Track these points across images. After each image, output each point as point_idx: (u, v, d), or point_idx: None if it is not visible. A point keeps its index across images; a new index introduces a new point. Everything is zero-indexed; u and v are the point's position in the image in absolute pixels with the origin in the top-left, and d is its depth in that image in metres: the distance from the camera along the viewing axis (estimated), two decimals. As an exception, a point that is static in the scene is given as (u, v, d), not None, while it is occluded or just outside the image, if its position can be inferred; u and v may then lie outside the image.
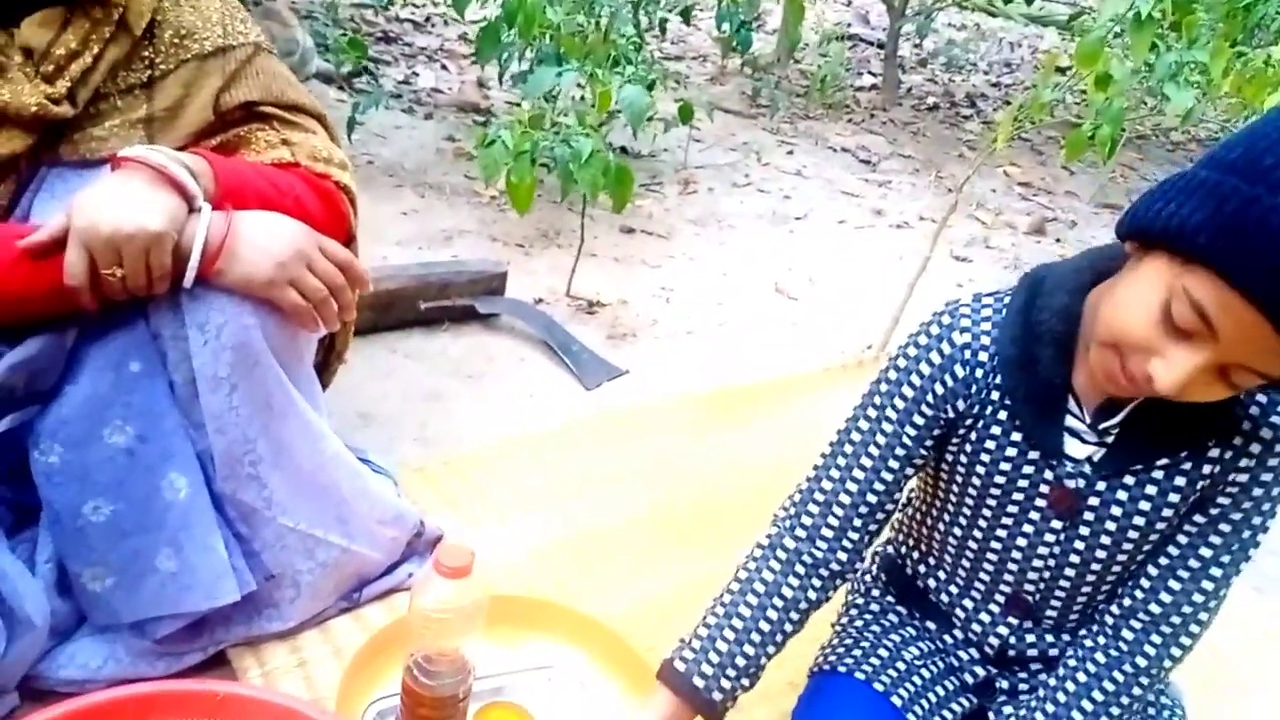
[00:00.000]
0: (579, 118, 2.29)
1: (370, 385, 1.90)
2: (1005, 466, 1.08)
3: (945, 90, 5.04)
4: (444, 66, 3.86)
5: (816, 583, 1.11)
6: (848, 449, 1.11)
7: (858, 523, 1.10)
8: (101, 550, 1.13)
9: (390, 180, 2.79)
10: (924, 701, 1.19)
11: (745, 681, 1.09)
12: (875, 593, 1.30)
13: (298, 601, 1.27)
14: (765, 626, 1.09)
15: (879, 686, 1.18)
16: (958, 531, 1.17)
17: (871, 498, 1.10)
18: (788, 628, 1.10)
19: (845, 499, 1.10)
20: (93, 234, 1.04)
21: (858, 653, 1.22)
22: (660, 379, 2.13)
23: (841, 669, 1.20)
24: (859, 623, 1.27)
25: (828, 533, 1.11)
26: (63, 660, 1.16)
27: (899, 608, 1.28)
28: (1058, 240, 3.40)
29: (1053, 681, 1.12)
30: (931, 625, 1.25)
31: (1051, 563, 1.12)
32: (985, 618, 1.20)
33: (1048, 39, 6.26)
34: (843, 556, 1.11)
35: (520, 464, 1.75)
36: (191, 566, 1.15)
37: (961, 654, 1.23)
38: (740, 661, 1.08)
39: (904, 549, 1.28)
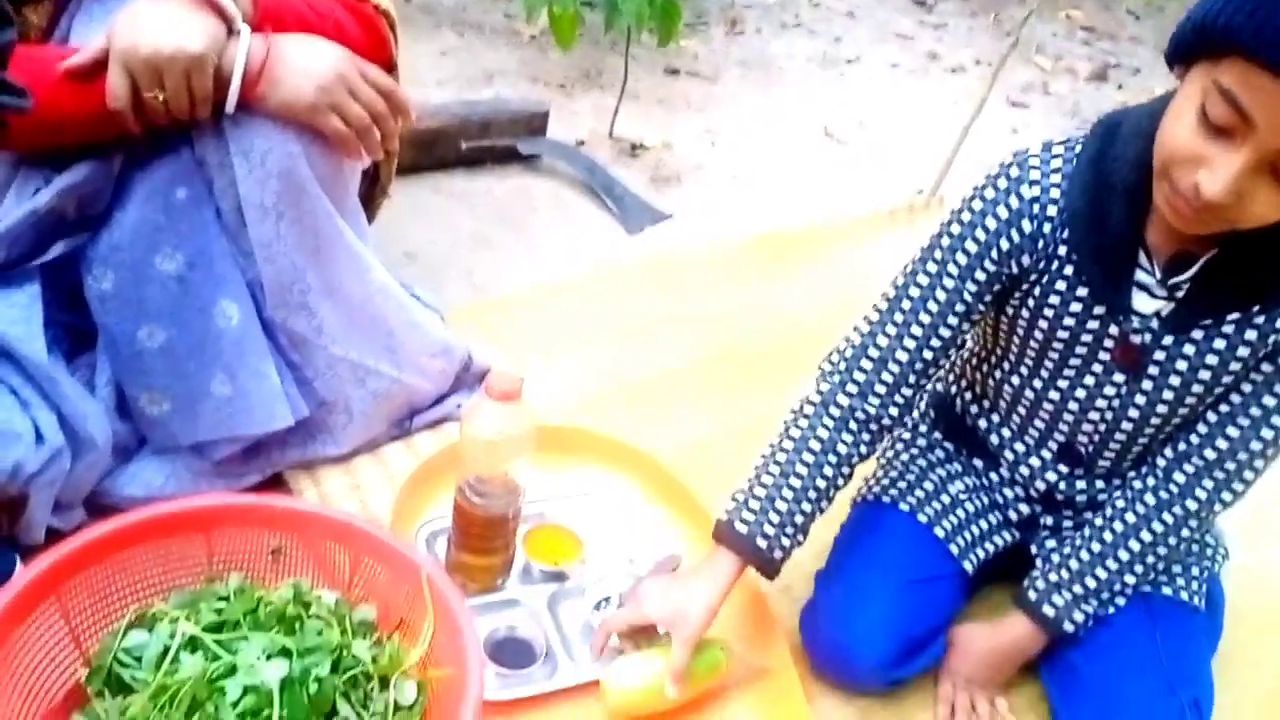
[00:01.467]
0: (622, -52, 2.19)
1: (415, 226, 1.89)
2: (1069, 322, 1.06)
3: (1007, -73, 4.76)
4: (481, -100, 3.69)
5: (867, 437, 1.11)
6: (905, 304, 1.08)
7: (912, 378, 1.09)
8: (158, 375, 1.15)
9: (428, 19, 2.71)
10: (966, 534, 1.21)
11: (801, 537, 1.11)
12: (923, 428, 1.30)
13: (350, 428, 1.29)
14: (821, 484, 1.09)
15: (922, 518, 1.19)
16: (1015, 381, 1.16)
17: (928, 353, 1.08)
18: (840, 483, 1.11)
19: (902, 355, 1.08)
20: (133, 55, 1.02)
21: (903, 485, 1.23)
22: (705, 224, 2.10)
23: (886, 500, 1.22)
24: (905, 456, 1.27)
25: (881, 389, 1.09)
26: (126, 479, 1.20)
27: (946, 444, 1.28)
28: (1119, 87, 3.25)
29: (1099, 521, 1.13)
30: (978, 462, 1.26)
31: (1110, 415, 1.10)
32: (1035, 463, 1.20)
33: None
34: (894, 411, 1.10)
35: (565, 307, 1.74)
36: (245, 392, 1.17)
37: (1006, 492, 1.24)
38: (799, 519, 1.09)
39: (955, 389, 1.27)
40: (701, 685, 1.10)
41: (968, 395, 1.25)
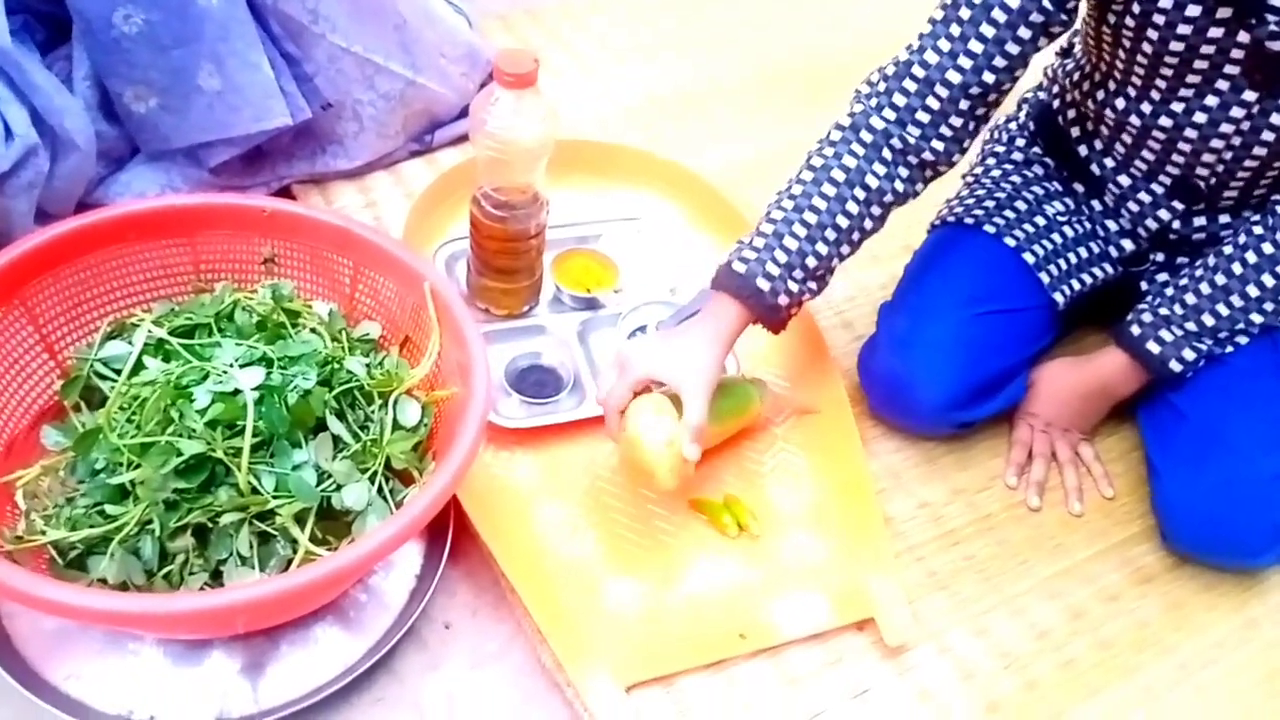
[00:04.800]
0: None
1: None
2: (1184, 30, 0.85)
3: None
4: None
5: (905, 173, 0.91)
6: (964, 12, 0.87)
7: (964, 105, 0.89)
8: (141, 66, 1.02)
9: None
10: (1060, 263, 1.05)
11: (813, 285, 0.92)
12: (1020, 142, 1.12)
13: (362, 137, 1.16)
14: (842, 221, 0.90)
15: (1010, 241, 1.03)
16: (1120, 103, 0.96)
17: (988, 76, 0.87)
18: (867, 224, 0.92)
19: (953, 75, 0.88)
20: None
21: (990, 204, 1.06)
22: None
23: (969, 221, 1.05)
24: (996, 172, 1.10)
25: (924, 116, 0.89)
26: (118, 188, 1.09)
27: (1046, 160, 1.10)
28: None
29: (1228, 250, 0.95)
30: (1079, 186, 1.08)
31: (1236, 142, 0.91)
32: (1145, 199, 1.02)
33: None
34: (938, 145, 0.91)
35: (611, 19, 1.56)
36: (237, 85, 1.03)
37: (1109, 224, 1.07)
38: (810, 262, 0.90)
39: (1058, 104, 1.07)
40: (731, 425, 0.98)
41: (1070, 112, 1.06)
